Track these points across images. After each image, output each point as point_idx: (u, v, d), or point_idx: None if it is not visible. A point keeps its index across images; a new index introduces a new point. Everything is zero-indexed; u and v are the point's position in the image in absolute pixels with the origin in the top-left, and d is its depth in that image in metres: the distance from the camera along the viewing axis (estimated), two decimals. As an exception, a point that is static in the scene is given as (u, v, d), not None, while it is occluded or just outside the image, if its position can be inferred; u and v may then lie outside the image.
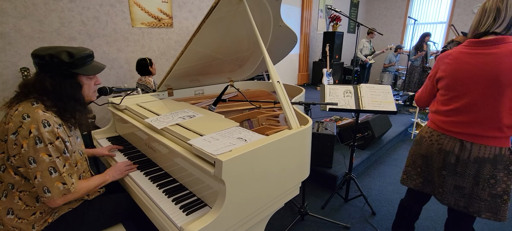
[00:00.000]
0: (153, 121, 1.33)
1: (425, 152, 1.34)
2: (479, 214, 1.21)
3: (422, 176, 1.39)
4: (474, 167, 1.18)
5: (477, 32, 1.17)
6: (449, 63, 1.22)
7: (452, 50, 1.24)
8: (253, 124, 1.75)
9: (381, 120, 3.15)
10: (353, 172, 2.26)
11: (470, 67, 1.14)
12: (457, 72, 1.18)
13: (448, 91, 1.23)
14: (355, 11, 8.18)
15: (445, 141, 1.25)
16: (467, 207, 1.24)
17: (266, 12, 1.70)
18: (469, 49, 1.17)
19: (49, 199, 0.99)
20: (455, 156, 1.21)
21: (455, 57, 1.20)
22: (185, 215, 1.01)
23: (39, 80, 1.03)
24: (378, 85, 1.99)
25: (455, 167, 1.23)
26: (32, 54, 1.03)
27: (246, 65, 2.27)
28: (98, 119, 3.29)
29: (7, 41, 2.56)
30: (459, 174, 1.22)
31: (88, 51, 1.12)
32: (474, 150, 1.17)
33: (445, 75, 1.23)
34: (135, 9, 3.40)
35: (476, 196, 1.20)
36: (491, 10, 1.12)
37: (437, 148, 1.28)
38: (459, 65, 1.18)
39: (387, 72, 6.17)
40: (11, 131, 0.96)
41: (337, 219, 2.05)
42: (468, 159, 1.19)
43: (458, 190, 1.24)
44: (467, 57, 1.16)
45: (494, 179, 1.16)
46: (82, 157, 1.19)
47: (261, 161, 1.03)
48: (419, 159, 1.38)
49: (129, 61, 3.52)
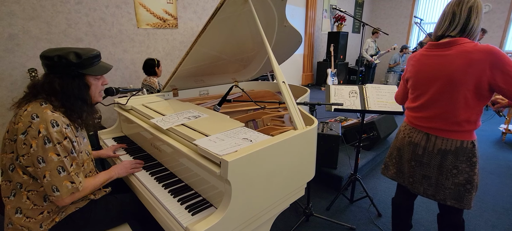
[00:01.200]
0: (158, 121, 1.33)
1: (399, 145, 1.44)
2: (445, 201, 1.29)
3: (396, 167, 1.49)
4: (437, 158, 1.27)
5: (436, 35, 1.25)
6: (413, 64, 1.33)
7: (417, 52, 1.34)
8: (258, 124, 1.75)
9: (387, 120, 3.12)
10: (359, 173, 2.24)
11: (428, 68, 1.24)
12: (418, 73, 1.29)
13: (414, 90, 1.34)
14: (359, 11, 8.12)
15: (414, 134, 1.35)
16: (434, 195, 1.33)
17: (271, 12, 1.69)
18: (428, 51, 1.26)
19: (57, 198, 1.01)
20: (422, 147, 1.31)
21: (417, 59, 1.31)
22: (191, 215, 1.01)
23: (48, 81, 1.04)
24: (384, 86, 1.97)
25: (422, 158, 1.33)
26: (41, 56, 1.05)
27: (251, 65, 2.27)
28: (104, 119, 3.33)
29: (15, 43, 2.61)
30: (425, 164, 1.32)
31: (96, 51, 1.13)
32: (438, 142, 1.26)
33: (410, 75, 1.34)
34: (140, 10, 3.43)
35: (441, 185, 1.30)
36: (447, 14, 1.19)
37: (408, 141, 1.38)
38: (420, 66, 1.29)
39: (392, 72, 6.11)
40: (20, 131, 0.97)
41: (343, 220, 2.03)
42: (432, 150, 1.28)
43: (425, 179, 1.34)
44: (426, 59, 1.26)
45: (456, 169, 1.24)
46: (88, 157, 1.20)
47: (266, 161, 1.03)
48: (395, 151, 1.49)
49: (135, 62, 3.55)
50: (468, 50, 1.11)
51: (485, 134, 3.98)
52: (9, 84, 2.64)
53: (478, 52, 1.09)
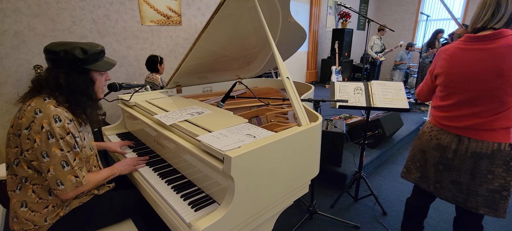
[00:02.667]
0: (162, 117, 1.33)
1: (424, 147, 1.34)
2: (477, 210, 1.20)
3: (420, 171, 1.39)
4: (470, 162, 1.17)
5: (475, 27, 1.13)
6: (445, 59, 1.20)
7: (450, 45, 1.21)
8: (262, 120, 1.73)
9: (392, 118, 3.08)
10: (363, 170, 2.22)
11: (466, 64, 1.12)
12: (453, 69, 1.17)
13: (445, 88, 1.22)
14: (365, 8, 8.03)
15: (443, 136, 1.25)
16: (464, 202, 1.23)
17: (275, 8, 1.67)
18: (466, 45, 1.14)
19: (62, 192, 1.01)
20: (452, 150, 1.21)
21: (451, 54, 1.18)
22: (194, 211, 1.00)
23: (53, 76, 1.04)
24: (390, 82, 1.94)
25: (452, 161, 1.23)
26: (45, 50, 1.04)
27: (255, 62, 2.25)
28: (108, 116, 3.35)
29: (21, 40, 2.63)
30: (455, 169, 1.22)
31: (100, 47, 1.13)
32: (472, 145, 1.16)
33: (442, 71, 1.22)
34: (144, 7, 3.43)
35: (473, 191, 1.19)
36: (490, 4, 1.08)
37: (435, 143, 1.28)
38: (455, 62, 1.16)
39: (398, 70, 6.04)
40: (24, 126, 0.97)
41: (347, 219, 2.01)
42: (465, 153, 1.18)
43: (455, 185, 1.24)
44: (463, 54, 1.14)
45: (492, 174, 1.14)
46: (92, 152, 1.21)
47: (270, 157, 1.02)
48: (419, 154, 1.38)
49: (139, 59, 3.56)
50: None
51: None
52: (15, 81, 2.67)
53: None
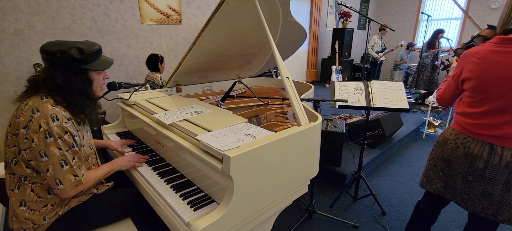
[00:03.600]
0: (161, 116, 1.33)
1: (449, 156, 1.25)
2: (510, 222, 1.15)
3: (444, 181, 1.31)
4: (505, 172, 1.10)
5: (506, 28, 1.06)
6: (476, 62, 1.11)
7: (479, 47, 1.12)
8: (261, 120, 1.73)
9: (392, 118, 3.08)
10: (363, 170, 2.22)
11: (502, 68, 1.04)
12: (486, 73, 1.08)
13: (476, 93, 1.13)
14: (365, 7, 8.02)
15: (472, 144, 1.16)
16: (495, 215, 1.16)
17: (275, 7, 1.67)
18: (499, 48, 1.06)
19: (61, 191, 1.01)
20: (484, 160, 1.13)
21: (484, 56, 1.09)
22: (193, 211, 1.00)
23: (50, 76, 1.03)
24: (390, 82, 1.94)
25: (483, 172, 1.15)
26: (41, 50, 1.02)
27: (254, 61, 2.25)
28: (108, 115, 3.34)
29: (21, 38, 2.62)
30: (487, 179, 1.14)
31: (97, 46, 1.12)
32: (506, 154, 1.09)
33: (472, 76, 1.12)
34: (144, 5, 3.43)
35: (507, 204, 1.13)
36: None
37: (462, 152, 1.19)
38: (488, 65, 1.07)
39: (398, 69, 6.03)
40: (21, 125, 0.97)
41: (346, 218, 2.01)
42: (498, 164, 1.11)
43: (486, 197, 1.17)
44: (498, 57, 1.05)
45: None
46: (91, 151, 1.20)
47: (269, 157, 1.02)
48: (442, 162, 1.30)
49: (138, 58, 3.55)
50: None
51: None
52: (15, 79, 2.66)
53: None
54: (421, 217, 1.52)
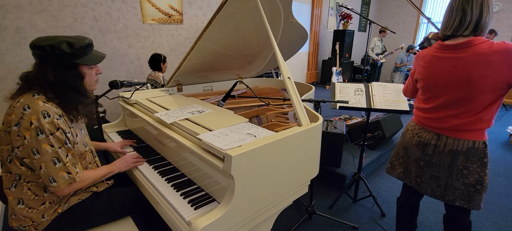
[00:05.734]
0: (162, 115, 1.33)
1: (407, 144, 1.41)
2: (454, 202, 1.28)
3: (403, 166, 1.47)
4: (448, 158, 1.25)
5: (445, 34, 1.18)
6: (423, 66, 1.27)
7: (426, 51, 1.27)
8: (262, 120, 1.74)
9: (392, 119, 3.09)
10: (363, 172, 2.22)
11: (442, 72, 1.19)
12: (430, 76, 1.24)
13: (425, 92, 1.30)
14: (366, 9, 8.03)
15: (423, 134, 1.32)
16: (443, 196, 1.31)
17: (277, 8, 1.67)
18: (440, 53, 1.20)
19: (56, 188, 1.00)
20: (432, 147, 1.29)
21: (428, 61, 1.24)
22: (194, 210, 1.01)
23: (41, 72, 1.01)
24: (390, 84, 1.94)
25: (431, 157, 1.30)
26: (31, 45, 1.00)
27: (256, 62, 2.26)
28: (109, 113, 3.35)
29: (22, 36, 2.63)
30: (435, 164, 1.30)
31: (88, 40, 1.10)
32: (449, 142, 1.23)
33: (421, 77, 1.29)
34: (146, 5, 3.44)
35: (451, 186, 1.27)
36: (457, 11, 1.12)
37: (416, 140, 1.35)
38: (432, 69, 1.23)
39: (398, 71, 6.04)
40: (13, 122, 0.96)
41: (345, 219, 2.02)
42: (443, 150, 1.25)
43: (434, 180, 1.32)
44: (439, 62, 1.20)
45: (467, 170, 1.22)
46: (86, 148, 1.19)
47: (270, 157, 1.02)
48: (402, 150, 1.46)
49: (140, 57, 3.56)
50: (484, 52, 1.06)
51: (493, 135, 3.92)
52: (16, 77, 2.62)
53: (495, 53, 1.04)
54: (402, 210, 1.62)
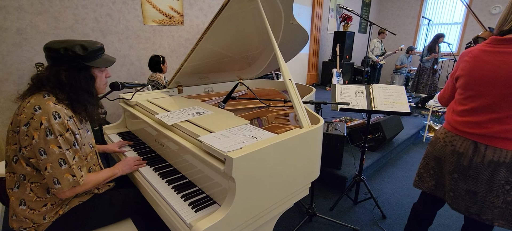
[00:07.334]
0: (163, 117, 1.33)
1: (439, 154, 1.28)
2: (492, 222, 1.15)
3: (435, 179, 1.34)
4: (487, 171, 1.12)
5: (502, 29, 1.08)
6: (468, 61, 1.16)
7: (474, 47, 1.16)
8: (263, 122, 1.73)
9: (393, 121, 3.08)
10: (363, 174, 2.22)
11: (489, 66, 1.07)
12: (474, 71, 1.12)
13: (464, 91, 1.18)
14: (366, 11, 8.04)
15: (458, 142, 1.19)
16: (479, 214, 1.17)
17: (277, 9, 1.68)
18: (491, 47, 1.09)
19: (58, 190, 1.01)
20: (468, 158, 1.15)
21: (475, 55, 1.13)
22: (194, 212, 1.00)
23: (54, 73, 1.04)
24: (391, 86, 1.94)
25: (467, 170, 1.17)
26: (45, 48, 1.04)
27: (256, 63, 2.26)
28: (109, 115, 3.35)
29: (23, 37, 2.63)
30: (471, 178, 1.16)
31: (100, 44, 1.14)
32: (488, 153, 1.10)
33: (463, 73, 1.17)
34: (147, 6, 3.44)
35: (489, 203, 1.14)
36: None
37: (450, 150, 1.22)
38: (477, 64, 1.11)
39: (399, 73, 6.04)
40: (23, 122, 0.97)
41: (346, 221, 2.01)
42: (481, 162, 1.12)
43: (469, 195, 1.18)
44: (487, 56, 1.09)
45: (510, 185, 1.09)
46: (92, 150, 1.20)
47: (272, 159, 1.02)
48: (432, 161, 1.33)
49: (140, 58, 3.56)
50: None
51: None
52: (17, 78, 2.67)
53: None
54: (417, 218, 1.53)
